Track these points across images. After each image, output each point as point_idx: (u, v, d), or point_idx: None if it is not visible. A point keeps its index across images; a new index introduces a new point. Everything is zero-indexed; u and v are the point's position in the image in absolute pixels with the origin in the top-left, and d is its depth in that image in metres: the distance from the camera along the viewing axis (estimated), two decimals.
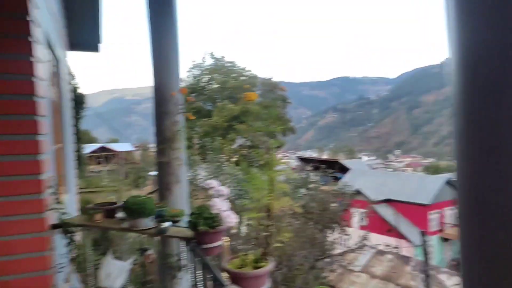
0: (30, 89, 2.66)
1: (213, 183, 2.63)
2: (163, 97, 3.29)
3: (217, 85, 34.83)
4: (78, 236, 3.06)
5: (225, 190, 2.69)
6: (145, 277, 3.97)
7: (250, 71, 37.43)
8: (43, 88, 2.92)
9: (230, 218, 2.53)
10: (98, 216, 2.99)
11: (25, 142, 2.67)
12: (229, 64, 36.26)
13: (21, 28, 2.62)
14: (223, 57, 36.72)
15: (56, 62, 4.48)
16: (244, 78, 35.85)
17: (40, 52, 2.90)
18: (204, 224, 2.49)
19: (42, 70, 2.92)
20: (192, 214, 2.56)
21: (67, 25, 5.47)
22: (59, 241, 3.11)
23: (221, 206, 2.53)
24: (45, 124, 2.93)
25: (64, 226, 2.97)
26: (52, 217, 2.99)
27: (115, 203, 3.17)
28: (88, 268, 3.11)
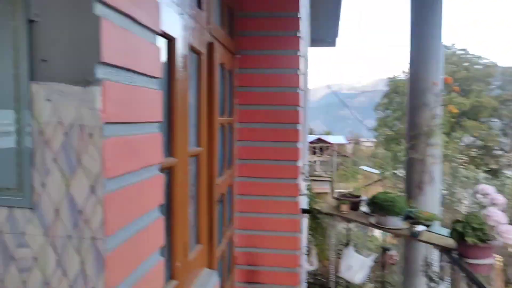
0: (295, 82, 2.89)
1: (488, 189, 2.20)
2: (421, 87, 3.02)
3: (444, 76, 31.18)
4: (323, 223, 3.19)
5: (501, 198, 2.22)
6: (385, 277, 3.86)
7: (487, 59, 31.94)
8: (302, 81, 3.12)
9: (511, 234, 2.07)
10: (344, 207, 3.02)
11: (288, 131, 2.92)
12: (460, 52, 31.93)
13: (292, 25, 2.86)
14: (453, 44, 32.62)
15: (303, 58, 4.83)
16: (478, 67, 30.86)
17: (302, 47, 3.11)
18: (473, 236, 2.12)
19: (303, 64, 3.13)
20: (457, 222, 2.22)
21: (310, 23, 5.85)
22: (306, 225, 3.33)
23: (499, 217, 2.10)
24: (302, 115, 3.14)
25: (312, 212, 3.14)
26: (302, 202, 3.20)
27: (359, 196, 3.14)
28: (330, 256, 3.21)
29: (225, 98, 2.55)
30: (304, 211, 3.17)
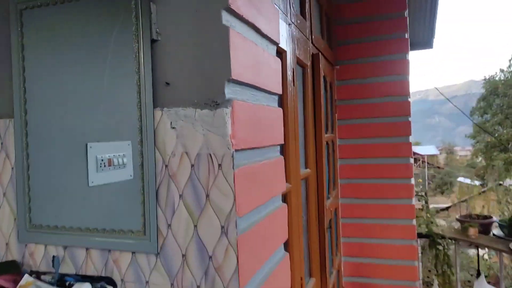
0: (405, 89, 2.58)
1: None
2: None
3: None
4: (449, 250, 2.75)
5: None
6: None
7: None
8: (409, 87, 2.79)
9: None
10: (472, 231, 2.57)
11: (398, 145, 2.60)
12: None
13: (399, 26, 2.58)
14: None
15: None
16: None
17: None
18: None
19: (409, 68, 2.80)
20: None
21: None
22: (424, 252, 2.92)
23: None
24: (411, 125, 2.80)
25: (431, 237, 2.74)
26: (417, 225, 2.82)
27: (490, 216, 2.66)
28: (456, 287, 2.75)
29: (327, 113, 2.35)
30: (421, 235, 2.78)
